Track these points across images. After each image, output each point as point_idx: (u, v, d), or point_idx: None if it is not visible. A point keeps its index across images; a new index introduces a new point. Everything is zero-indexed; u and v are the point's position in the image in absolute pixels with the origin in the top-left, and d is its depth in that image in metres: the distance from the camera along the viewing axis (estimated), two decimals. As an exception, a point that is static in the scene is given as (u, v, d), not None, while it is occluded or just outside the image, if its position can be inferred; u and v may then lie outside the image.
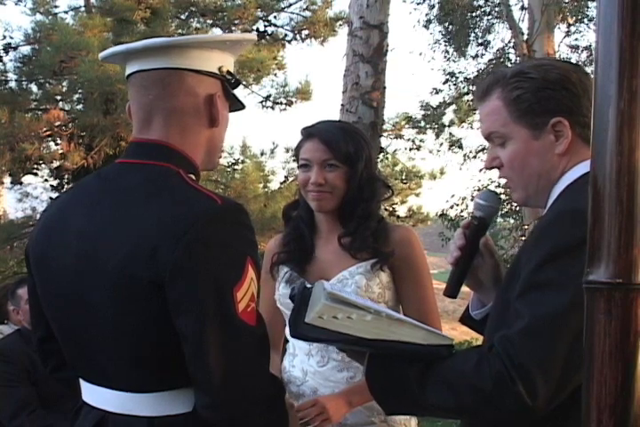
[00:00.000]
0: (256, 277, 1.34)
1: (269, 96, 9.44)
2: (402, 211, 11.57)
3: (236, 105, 1.54)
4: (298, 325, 1.34)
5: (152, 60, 1.42)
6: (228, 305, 1.27)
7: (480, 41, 13.74)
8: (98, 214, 1.37)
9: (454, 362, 1.34)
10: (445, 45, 13.93)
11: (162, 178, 1.38)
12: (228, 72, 1.48)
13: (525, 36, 10.92)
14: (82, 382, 1.47)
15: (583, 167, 1.37)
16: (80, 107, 8.88)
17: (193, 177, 1.42)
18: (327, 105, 7.03)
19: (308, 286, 1.46)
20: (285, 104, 9.37)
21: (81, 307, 1.37)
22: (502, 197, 13.63)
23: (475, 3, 13.54)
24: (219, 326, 1.26)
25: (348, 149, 2.04)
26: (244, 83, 8.58)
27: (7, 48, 9.07)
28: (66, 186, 9.40)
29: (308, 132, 2.10)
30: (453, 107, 13.94)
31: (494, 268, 1.61)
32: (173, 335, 1.28)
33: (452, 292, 1.58)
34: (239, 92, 1.54)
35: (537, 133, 1.41)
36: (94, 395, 1.43)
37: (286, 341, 2.20)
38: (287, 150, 10.09)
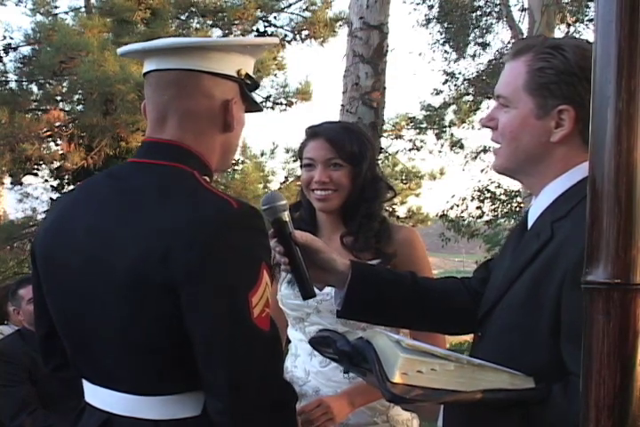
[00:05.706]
0: (270, 283, 1.31)
1: (269, 96, 9.45)
2: (401, 211, 11.57)
3: (253, 107, 1.52)
4: (386, 387, 1.17)
5: (169, 59, 1.39)
6: (243, 310, 1.24)
7: (479, 41, 13.76)
8: (108, 214, 1.35)
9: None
10: (445, 45, 13.95)
11: (176, 179, 1.35)
12: (247, 75, 1.45)
13: (525, 37, 10.93)
14: (85, 382, 1.44)
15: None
16: (80, 107, 8.89)
17: (207, 179, 1.40)
18: (327, 105, 7.04)
19: (360, 334, 1.36)
20: (285, 104, 9.39)
21: (90, 307, 1.35)
22: (503, 197, 13.72)
23: (474, 3, 13.56)
24: (233, 332, 1.24)
25: (353, 148, 2.03)
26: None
27: (7, 48, 9.09)
28: (66, 186, 9.41)
29: (314, 131, 2.09)
30: (454, 107, 13.94)
31: (324, 252, 1.58)
32: (183, 338, 1.26)
33: (307, 292, 1.54)
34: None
35: (541, 113, 1.37)
36: (98, 396, 1.40)
37: (288, 341, 2.20)
38: (287, 151, 10.10)
